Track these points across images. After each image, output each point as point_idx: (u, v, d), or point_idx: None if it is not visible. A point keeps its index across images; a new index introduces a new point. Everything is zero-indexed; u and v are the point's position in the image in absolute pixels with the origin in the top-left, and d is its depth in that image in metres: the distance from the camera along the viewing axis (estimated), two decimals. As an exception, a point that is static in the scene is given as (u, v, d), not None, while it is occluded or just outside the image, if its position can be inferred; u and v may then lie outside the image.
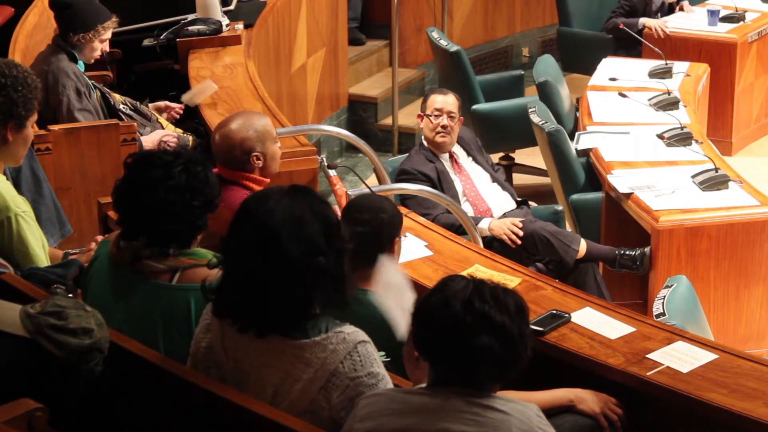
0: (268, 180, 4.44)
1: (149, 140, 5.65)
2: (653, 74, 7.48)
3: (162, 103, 6.13)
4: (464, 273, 3.03)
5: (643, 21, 8.55)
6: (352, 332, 2.96)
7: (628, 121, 6.81)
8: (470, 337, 2.72)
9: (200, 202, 3.38)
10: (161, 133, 5.76)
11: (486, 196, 6.13)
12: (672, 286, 4.63)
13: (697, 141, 6.43)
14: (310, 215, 2.95)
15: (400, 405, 2.80)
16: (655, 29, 8.42)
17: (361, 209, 3.96)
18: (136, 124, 5.58)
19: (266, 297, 2.93)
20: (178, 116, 6.08)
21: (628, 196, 5.85)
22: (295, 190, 3.02)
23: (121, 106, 5.85)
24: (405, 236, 4.22)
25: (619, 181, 6.00)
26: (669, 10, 8.89)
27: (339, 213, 4.24)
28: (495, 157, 7.12)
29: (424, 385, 2.89)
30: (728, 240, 5.65)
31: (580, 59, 8.13)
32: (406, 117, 8.79)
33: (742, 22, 8.48)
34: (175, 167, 3.36)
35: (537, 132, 6.70)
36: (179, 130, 5.96)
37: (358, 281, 3.72)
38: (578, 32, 9.14)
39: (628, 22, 8.50)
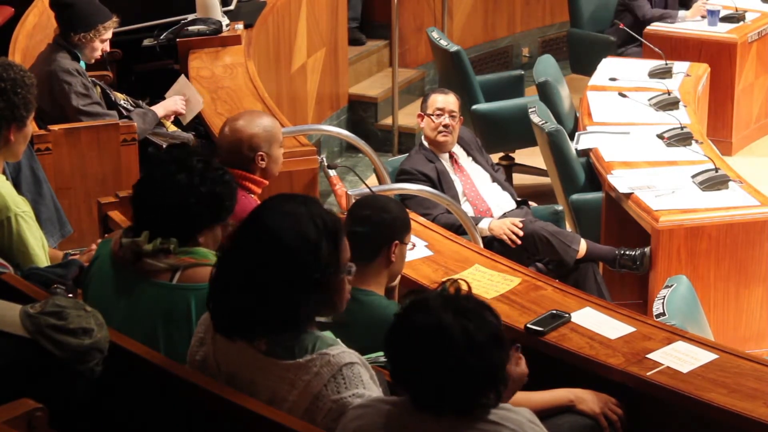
0: (266, 182, 4.43)
1: (162, 108, 5.85)
2: (653, 74, 7.48)
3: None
4: (444, 281, 2.88)
5: (683, 14, 8.63)
6: (338, 354, 2.90)
7: (628, 121, 6.81)
8: (452, 387, 2.67)
9: (226, 212, 3.40)
10: (176, 103, 5.89)
11: (486, 196, 6.13)
12: (672, 286, 4.63)
13: (697, 141, 6.43)
14: (287, 229, 2.89)
15: (386, 419, 2.76)
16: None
17: (364, 206, 3.96)
18: (136, 124, 5.59)
19: (235, 301, 2.91)
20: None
21: (628, 196, 5.85)
22: (293, 199, 2.99)
23: (122, 102, 5.86)
24: (412, 247, 4.19)
25: (619, 181, 6.00)
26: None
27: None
28: (495, 157, 7.12)
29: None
30: (728, 240, 5.65)
31: (589, 61, 8.14)
32: (406, 117, 8.78)
33: (742, 22, 8.48)
34: (210, 173, 3.40)
35: (537, 132, 6.70)
36: (178, 129, 5.97)
37: (357, 281, 3.71)
38: (589, 34, 9.14)
39: (663, 14, 8.56)
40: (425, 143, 6.16)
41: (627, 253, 5.80)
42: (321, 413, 2.87)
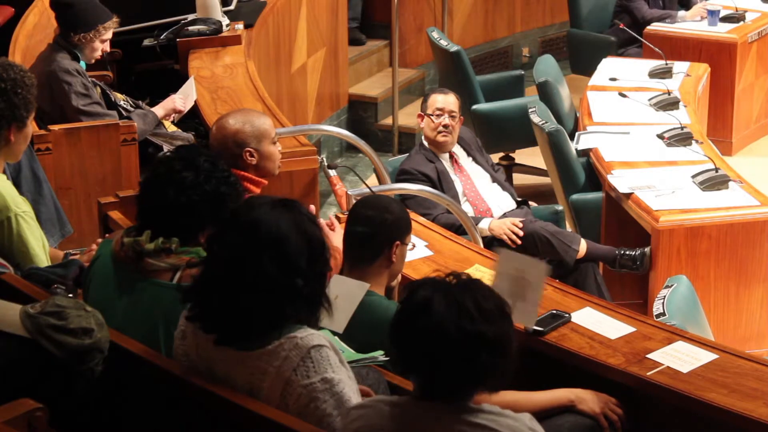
0: (265, 182, 4.42)
1: (161, 109, 5.82)
2: (653, 74, 7.49)
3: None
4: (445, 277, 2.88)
5: (682, 14, 8.61)
6: (306, 336, 2.90)
7: (628, 121, 6.81)
8: (470, 359, 2.68)
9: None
10: (174, 101, 5.87)
11: (486, 196, 6.13)
12: (672, 286, 4.63)
13: (697, 141, 6.43)
14: (294, 234, 2.92)
15: (388, 422, 2.76)
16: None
17: (367, 206, 3.96)
18: (136, 124, 5.59)
19: (235, 308, 2.91)
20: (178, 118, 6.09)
21: (628, 196, 5.85)
22: (283, 204, 2.98)
23: (122, 103, 5.86)
24: (412, 247, 4.18)
25: (619, 181, 6.00)
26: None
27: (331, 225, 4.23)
28: (495, 157, 7.12)
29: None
30: (728, 240, 5.65)
31: (589, 61, 8.15)
32: (406, 117, 8.78)
33: (742, 22, 8.48)
34: (216, 173, 3.40)
35: (537, 132, 6.70)
36: (178, 129, 5.97)
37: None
38: (588, 34, 9.15)
39: (662, 14, 8.55)
40: (425, 143, 6.16)
41: (627, 253, 5.80)
42: (292, 399, 2.88)
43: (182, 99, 5.96)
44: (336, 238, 4.18)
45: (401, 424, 2.76)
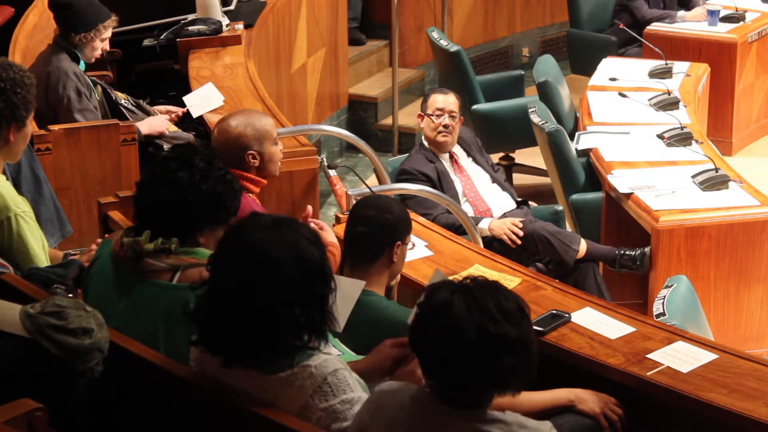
0: (264, 182, 4.42)
1: (146, 125, 5.70)
2: (653, 74, 7.49)
3: (163, 108, 6.12)
4: (453, 278, 2.87)
5: (682, 14, 8.61)
6: (320, 364, 2.88)
7: (628, 121, 6.81)
8: (492, 362, 2.65)
9: (227, 212, 3.40)
10: (162, 123, 5.77)
11: (486, 197, 6.13)
12: (672, 286, 4.63)
13: (697, 141, 6.43)
14: (289, 260, 2.86)
15: (406, 416, 2.75)
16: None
17: (367, 206, 3.96)
18: (136, 124, 5.59)
19: (235, 336, 2.89)
20: (178, 119, 6.07)
21: (628, 196, 5.86)
22: (279, 226, 2.91)
23: (123, 101, 5.86)
24: (412, 246, 4.19)
25: (619, 181, 6.00)
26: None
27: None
28: (495, 157, 7.12)
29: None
30: (728, 240, 5.65)
31: (589, 61, 8.16)
32: (406, 117, 8.79)
33: (742, 22, 8.48)
34: (212, 172, 3.39)
35: (537, 132, 6.70)
36: (178, 129, 5.96)
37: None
38: (588, 34, 9.15)
39: (662, 14, 8.56)
40: (425, 143, 6.16)
41: (627, 253, 5.80)
42: (312, 421, 2.86)
43: (168, 119, 5.91)
44: (329, 235, 4.17)
45: (416, 423, 2.74)
